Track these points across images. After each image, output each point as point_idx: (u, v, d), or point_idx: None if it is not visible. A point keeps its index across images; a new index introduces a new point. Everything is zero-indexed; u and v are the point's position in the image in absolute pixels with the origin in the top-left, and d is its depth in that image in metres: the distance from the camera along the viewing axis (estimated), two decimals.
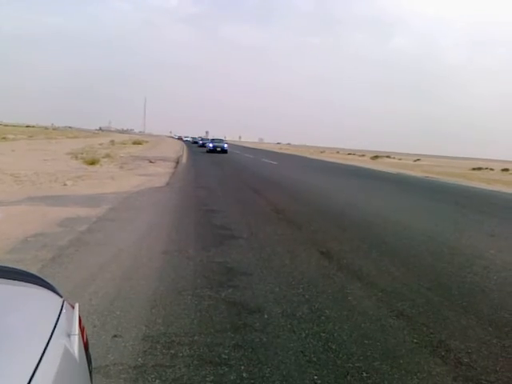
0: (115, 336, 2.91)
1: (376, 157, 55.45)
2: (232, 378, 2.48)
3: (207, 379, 2.45)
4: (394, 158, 61.59)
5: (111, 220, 6.84)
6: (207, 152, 37.79)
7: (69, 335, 1.01)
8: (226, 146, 39.55)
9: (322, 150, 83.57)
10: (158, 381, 2.42)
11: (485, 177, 26.30)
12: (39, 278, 1.24)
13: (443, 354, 2.89)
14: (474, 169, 37.71)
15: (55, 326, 0.95)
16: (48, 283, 1.24)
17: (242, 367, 2.60)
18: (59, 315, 1.02)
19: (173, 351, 2.75)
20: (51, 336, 0.89)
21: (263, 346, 2.87)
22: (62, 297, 1.20)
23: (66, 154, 21.78)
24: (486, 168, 39.01)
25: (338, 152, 77.39)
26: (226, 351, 2.78)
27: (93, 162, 16.33)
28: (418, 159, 60.37)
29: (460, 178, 23.35)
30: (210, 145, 39.56)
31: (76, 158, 19.05)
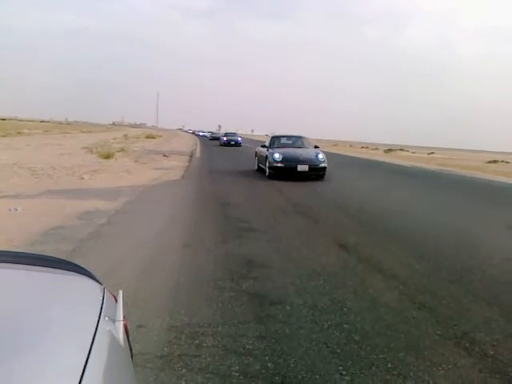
0: (140, 326, 2.94)
1: (389, 150, 54.92)
2: (257, 367, 2.50)
3: (232, 369, 2.47)
4: (407, 151, 60.93)
5: (129, 213, 6.91)
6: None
7: (113, 321, 1.02)
8: (321, 158, 13.46)
9: (335, 144, 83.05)
10: (184, 370, 2.45)
11: (500, 170, 25.89)
12: (79, 267, 1.26)
13: (468, 345, 2.86)
14: (489, 162, 37.12)
15: (100, 313, 0.96)
16: (88, 271, 1.26)
17: (267, 357, 2.61)
18: (102, 302, 1.04)
19: (197, 341, 2.78)
20: (98, 322, 0.90)
21: (286, 337, 2.89)
22: (102, 284, 1.22)
23: (81, 148, 21.99)
24: (502, 161, 38.36)
25: (350, 145, 76.82)
26: (250, 342, 2.80)
27: (108, 156, 16.46)
28: (432, 152, 59.58)
29: (476, 170, 23.03)
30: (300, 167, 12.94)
31: (91, 152, 19.22)
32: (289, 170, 12.83)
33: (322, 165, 13.13)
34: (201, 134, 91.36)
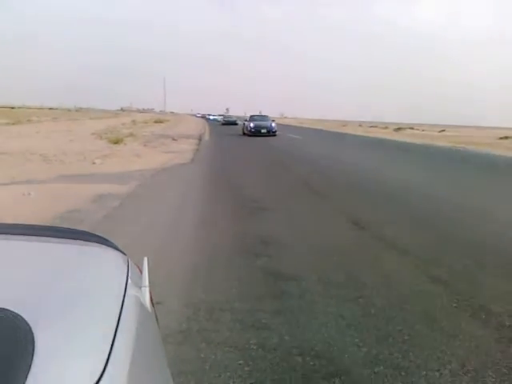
0: (158, 303, 2.98)
1: (399, 129, 54.19)
2: (275, 340, 2.53)
3: (251, 342, 2.51)
4: (417, 129, 60.12)
5: (142, 196, 6.95)
6: None
7: (140, 287, 1.04)
8: None
9: (344, 124, 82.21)
10: (203, 344, 2.49)
11: None
12: (103, 238, 1.28)
13: (484, 317, 2.88)
14: (501, 138, 36.54)
15: (127, 280, 0.98)
16: (111, 242, 1.28)
17: (284, 331, 2.65)
18: (128, 270, 1.06)
19: (215, 317, 2.82)
20: (125, 289, 0.92)
21: (302, 312, 2.91)
22: (125, 254, 1.24)
23: (90, 134, 22.04)
24: None
25: (360, 125, 75.95)
26: (267, 316, 2.83)
27: (117, 141, 16.49)
28: (443, 130, 58.75)
29: (488, 147, 22.73)
30: None
31: (100, 137, 19.27)
32: None
33: None
34: (211, 117, 79.58)
